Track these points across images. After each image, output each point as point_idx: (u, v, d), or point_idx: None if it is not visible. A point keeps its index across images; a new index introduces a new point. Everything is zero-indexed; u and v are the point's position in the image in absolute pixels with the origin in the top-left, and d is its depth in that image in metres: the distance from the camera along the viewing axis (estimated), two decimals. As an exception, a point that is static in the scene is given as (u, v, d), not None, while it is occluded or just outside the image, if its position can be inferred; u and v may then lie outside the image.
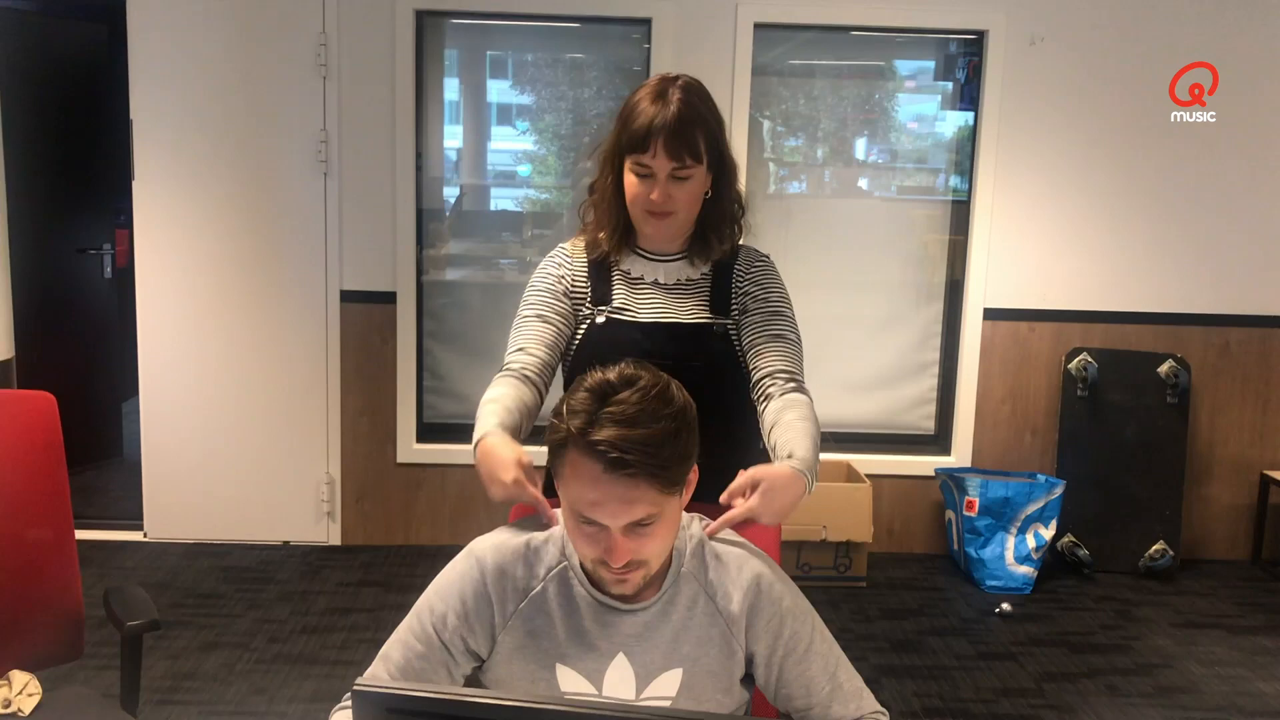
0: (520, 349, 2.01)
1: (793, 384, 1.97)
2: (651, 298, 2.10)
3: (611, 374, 1.44)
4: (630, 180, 2.01)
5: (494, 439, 1.71)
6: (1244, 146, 4.54)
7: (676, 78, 2.01)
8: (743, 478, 1.64)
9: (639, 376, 1.44)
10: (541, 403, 1.97)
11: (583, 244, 2.14)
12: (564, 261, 2.12)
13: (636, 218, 2.05)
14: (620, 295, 2.09)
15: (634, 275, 2.11)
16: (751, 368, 2.03)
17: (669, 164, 1.96)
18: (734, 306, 2.09)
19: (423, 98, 4.51)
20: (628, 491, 1.39)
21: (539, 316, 2.06)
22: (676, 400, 1.45)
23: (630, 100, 2.01)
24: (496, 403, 1.84)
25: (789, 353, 2.02)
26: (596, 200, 2.11)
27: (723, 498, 1.64)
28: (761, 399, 1.97)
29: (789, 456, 1.75)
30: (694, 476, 1.51)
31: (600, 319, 2.08)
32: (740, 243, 2.17)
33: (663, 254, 2.12)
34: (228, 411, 4.54)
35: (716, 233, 2.09)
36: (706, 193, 2.05)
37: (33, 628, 2.24)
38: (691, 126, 1.96)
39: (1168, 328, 4.64)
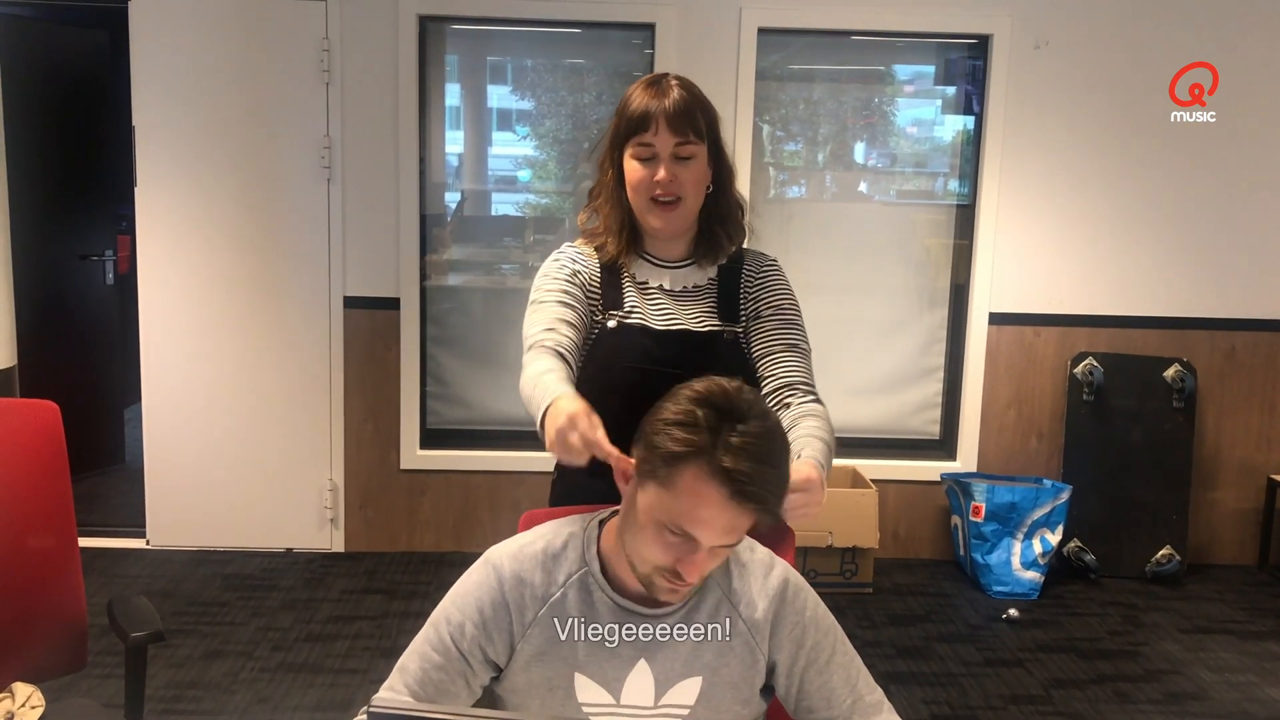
0: (548, 328, 1.90)
1: (810, 397, 1.93)
2: (662, 305, 2.05)
3: (730, 388, 1.42)
4: (632, 167, 1.98)
5: (564, 400, 1.58)
6: (1246, 149, 4.53)
7: (668, 74, 2.02)
8: (799, 478, 1.55)
9: (754, 402, 1.43)
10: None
11: (591, 245, 2.09)
12: (576, 257, 2.05)
13: (641, 208, 2.00)
14: (632, 300, 2.04)
15: (640, 280, 2.07)
16: (764, 376, 1.98)
17: (672, 140, 1.94)
18: (743, 312, 2.06)
19: (425, 103, 4.50)
20: (739, 519, 1.40)
21: (560, 302, 1.96)
22: (787, 436, 1.48)
23: (626, 94, 2.01)
24: (553, 372, 1.73)
25: (803, 364, 1.99)
26: (599, 203, 2.06)
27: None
28: (778, 408, 1.92)
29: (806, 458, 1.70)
30: None
31: (611, 323, 2.02)
32: (745, 246, 2.14)
33: (669, 259, 2.08)
34: (230, 418, 4.52)
35: (723, 228, 2.06)
36: (708, 187, 2.02)
37: (36, 638, 2.22)
38: (693, 107, 1.96)
39: (1173, 332, 4.63)
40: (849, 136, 4.87)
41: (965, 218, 4.68)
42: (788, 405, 1.91)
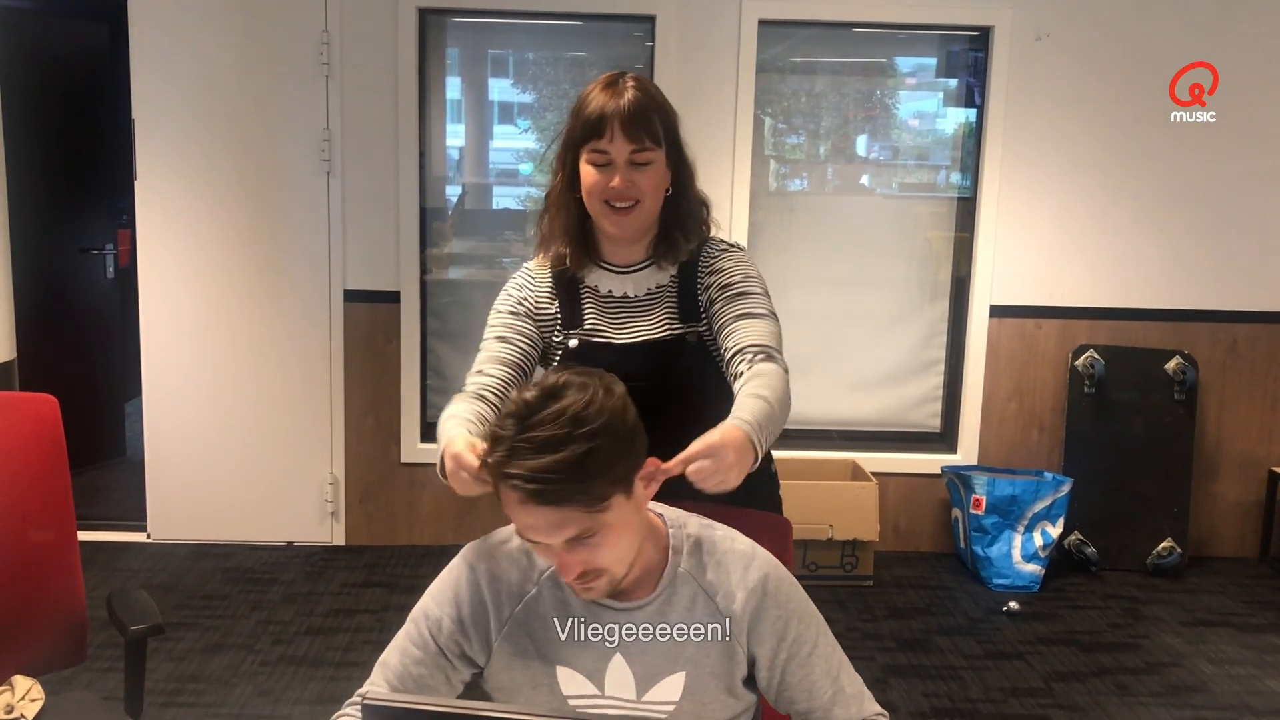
0: (478, 371, 1.94)
1: (763, 355, 1.83)
2: (623, 316, 2.02)
3: (531, 392, 1.39)
4: (587, 172, 1.93)
5: (454, 441, 1.60)
6: (1246, 145, 4.51)
7: (625, 73, 1.97)
8: (699, 446, 1.51)
9: (563, 390, 1.38)
10: None
11: (545, 261, 2.05)
12: (526, 283, 2.05)
13: (596, 213, 1.95)
14: (591, 316, 2.02)
15: (602, 293, 2.03)
16: (723, 352, 1.92)
17: (628, 147, 1.89)
18: (702, 306, 2.01)
19: (425, 96, 4.49)
20: (554, 514, 1.37)
21: (499, 338, 1.99)
22: (593, 418, 1.37)
23: (581, 94, 1.96)
24: (456, 417, 1.76)
25: (755, 328, 1.89)
26: (550, 206, 2.02)
27: (680, 466, 1.49)
28: (733, 379, 1.84)
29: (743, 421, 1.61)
30: (652, 469, 1.45)
31: (573, 343, 2.00)
32: (712, 235, 2.09)
33: (627, 264, 2.04)
34: (231, 411, 4.52)
35: (682, 230, 2.01)
36: (667, 190, 1.98)
37: (35, 632, 2.22)
38: (648, 111, 1.91)
39: (1175, 324, 4.62)
40: (851, 129, 4.86)
41: (966, 210, 4.67)
42: (739, 375, 1.82)
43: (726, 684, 1.55)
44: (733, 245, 2.08)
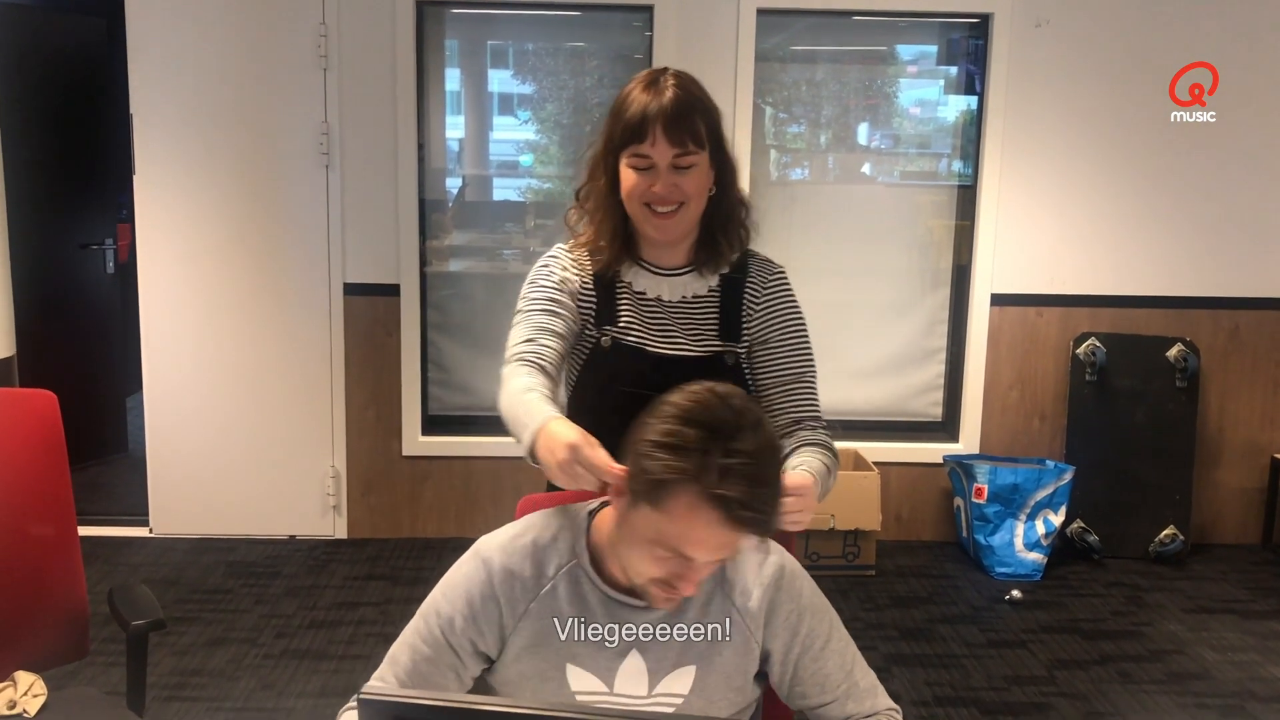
0: (530, 339, 1.84)
1: (820, 430, 1.90)
2: (660, 321, 1.95)
3: (715, 401, 1.36)
4: (628, 176, 1.87)
5: (557, 424, 1.55)
6: (1246, 141, 4.50)
7: (666, 69, 1.92)
8: (794, 483, 1.56)
9: (745, 412, 1.36)
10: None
11: (584, 251, 1.97)
12: (568, 264, 1.96)
13: (638, 217, 1.89)
14: (627, 315, 1.95)
15: (637, 290, 1.96)
16: (773, 407, 1.91)
17: (670, 151, 1.83)
18: (745, 332, 1.97)
19: (424, 88, 4.49)
20: (740, 540, 1.38)
21: (546, 310, 1.89)
22: (780, 448, 1.44)
23: (621, 94, 1.90)
24: (535, 390, 1.68)
25: (811, 395, 1.96)
26: (591, 208, 1.95)
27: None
28: (793, 438, 1.87)
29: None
30: None
31: (605, 341, 1.94)
32: (750, 247, 2.04)
33: (669, 267, 1.97)
34: (232, 406, 4.52)
35: (725, 234, 1.95)
36: (710, 189, 1.92)
37: (37, 628, 2.22)
38: (690, 111, 1.85)
39: (1176, 311, 4.61)
40: (851, 118, 4.85)
41: (967, 198, 4.66)
42: (803, 439, 1.87)
43: (737, 681, 1.55)
44: (778, 267, 2.04)
